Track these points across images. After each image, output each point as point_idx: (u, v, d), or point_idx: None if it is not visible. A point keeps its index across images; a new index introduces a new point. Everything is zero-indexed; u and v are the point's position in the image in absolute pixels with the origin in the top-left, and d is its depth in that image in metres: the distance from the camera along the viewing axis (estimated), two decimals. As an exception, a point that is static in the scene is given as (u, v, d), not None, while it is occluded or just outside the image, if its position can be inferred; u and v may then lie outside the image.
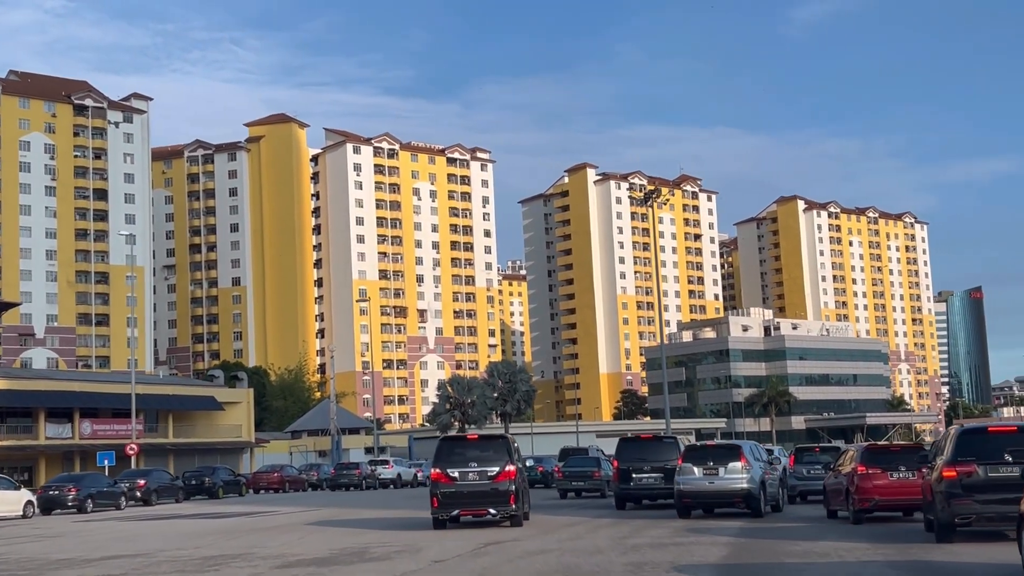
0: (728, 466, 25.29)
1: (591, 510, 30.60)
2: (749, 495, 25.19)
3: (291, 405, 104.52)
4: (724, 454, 25.80)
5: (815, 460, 32.31)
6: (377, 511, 33.46)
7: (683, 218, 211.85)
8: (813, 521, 23.85)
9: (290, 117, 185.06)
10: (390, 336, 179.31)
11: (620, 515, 27.71)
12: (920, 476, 20.98)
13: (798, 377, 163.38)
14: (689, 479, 25.50)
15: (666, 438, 30.85)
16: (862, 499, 21.73)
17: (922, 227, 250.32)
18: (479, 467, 23.36)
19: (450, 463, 23.61)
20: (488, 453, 23.76)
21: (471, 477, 23.29)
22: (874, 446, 23.65)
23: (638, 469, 29.23)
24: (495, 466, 23.33)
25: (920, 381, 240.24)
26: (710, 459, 25.66)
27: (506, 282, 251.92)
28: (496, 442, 24.44)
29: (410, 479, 61.76)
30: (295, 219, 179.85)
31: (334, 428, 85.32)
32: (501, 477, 23.24)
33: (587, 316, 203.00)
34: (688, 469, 25.63)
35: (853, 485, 21.96)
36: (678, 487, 25.73)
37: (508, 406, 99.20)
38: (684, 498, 25.66)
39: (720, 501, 25.79)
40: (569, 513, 29.63)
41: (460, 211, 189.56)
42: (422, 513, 31.52)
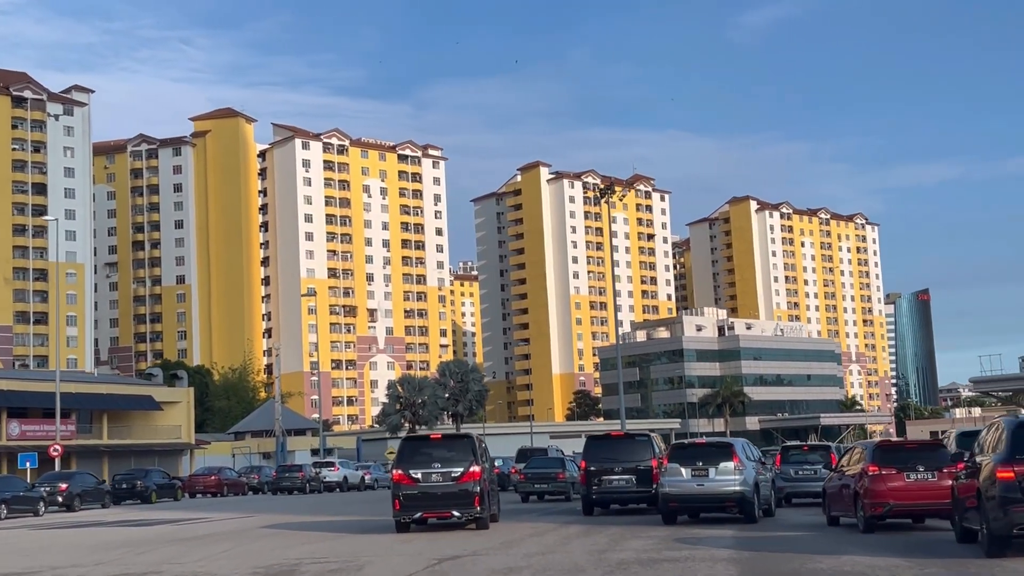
0: (719, 466, 22.61)
1: (557, 516, 27.77)
2: (743, 498, 22.57)
3: (235, 406, 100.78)
4: (715, 453, 23.12)
5: (803, 460, 29.53)
6: (319, 517, 30.34)
7: (636, 217, 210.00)
8: (815, 529, 21.05)
9: (237, 112, 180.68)
10: (339, 336, 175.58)
11: (590, 522, 24.86)
12: (943, 477, 18.32)
13: (752, 377, 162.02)
14: (676, 481, 22.80)
15: (638, 436, 27.96)
16: (874, 504, 18.92)
17: (873, 228, 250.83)
18: (443, 468, 22.47)
19: (413, 464, 22.66)
20: (452, 453, 22.91)
21: (434, 478, 22.38)
22: (887, 443, 20.82)
23: (608, 470, 26.47)
24: (459, 467, 22.44)
25: (871, 382, 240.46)
26: (699, 459, 22.98)
27: (458, 283, 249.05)
28: (461, 442, 23.61)
29: (357, 482, 58.55)
30: (242, 216, 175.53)
31: (279, 429, 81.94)
32: (466, 478, 22.33)
33: (540, 316, 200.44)
34: (674, 470, 22.90)
35: (863, 488, 19.09)
36: (663, 490, 23.06)
37: (460, 406, 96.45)
38: (671, 502, 22.97)
39: (711, 505, 23.16)
40: (534, 519, 26.79)
41: (411, 209, 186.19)
42: (369, 519, 28.53)
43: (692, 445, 24.37)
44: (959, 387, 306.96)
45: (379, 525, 25.44)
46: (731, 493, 22.45)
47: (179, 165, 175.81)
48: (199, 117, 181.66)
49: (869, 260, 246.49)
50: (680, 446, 24.26)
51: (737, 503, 22.63)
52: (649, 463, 26.20)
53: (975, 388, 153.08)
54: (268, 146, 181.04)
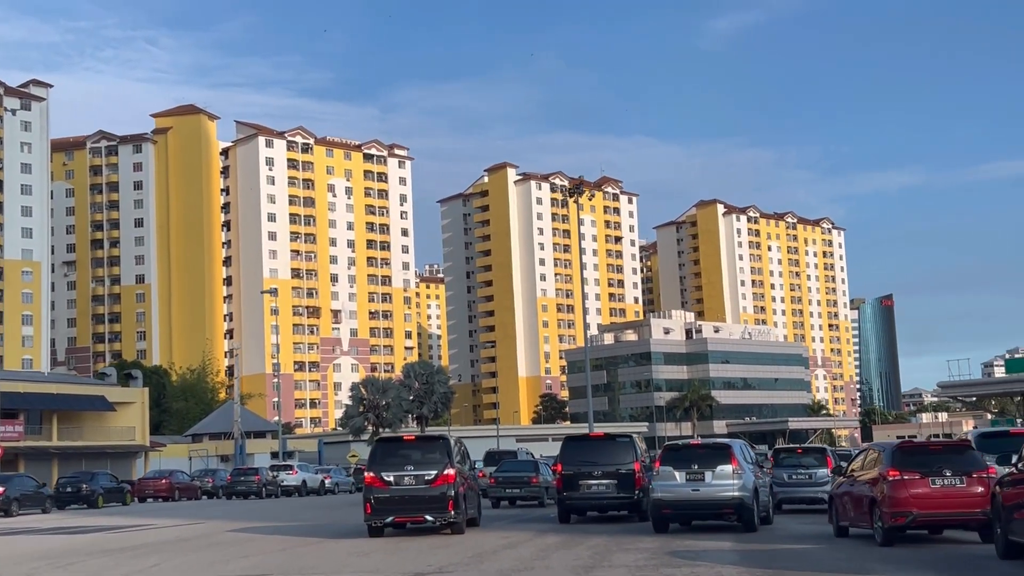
0: (716, 470, 20.61)
1: (531, 524, 25.59)
2: (742, 505, 20.57)
3: (193, 407, 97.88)
4: (711, 456, 21.08)
5: (797, 463, 27.37)
6: (270, 524, 27.94)
7: (604, 220, 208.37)
8: (823, 541, 18.87)
9: (199, 108, 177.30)
10: (302, 337, 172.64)
11: (569, 530, 22.67)
12: (972, 483, 16.27)
13: (720, 381, 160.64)
14: (669, 486, 20.79)
15: (620, 437, 25.70)
16: (895, 513, 16.68)
17: (839, 233, 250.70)
18: (415, 470, 21.78)
19: (385, 466, 21.96)
20: (426, 455, 22.15)
21: (407, 481, 21.70)
22: (908, 444, 18.33)
23: (587, 474, 24.33)
24: (433, 469, 21.72)
25: (836, 387, 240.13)
26: (694, 461, 20.93)
27: (424, 285, 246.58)
28: (435, 443, 22.78)
29: (316, 486, 56.09)
30: (203, 215, 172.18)
31: (237, 431, 79.27)
32: (439, 481, 21.59)
33: (506, 318, 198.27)
34: (667, 473, 20.87)
35: (882, 495, 16.86)
36: (655, 495, 21.02)
37: (425, 408, 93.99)
38: (663, 508, 20.90)
39: (707, 512, 21.11)
40: (506, 527, 24.57)
41: (377, 209, 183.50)
42: (326, 527, 26.27)
43: (687, 447, 22.22)
44: (922, 392, 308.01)
45: (336, 532, 23.22)
46: (729, 499, 20.47)
47: (140, 162, 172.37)
48: (161, 114, 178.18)
49: (835, 264, 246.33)
50: (673, 447, 22.07)
51: (736, 510, 20.65)
52: (631, 466, 24.15)
53: (943, 392, 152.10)
54: (231, 144, 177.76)
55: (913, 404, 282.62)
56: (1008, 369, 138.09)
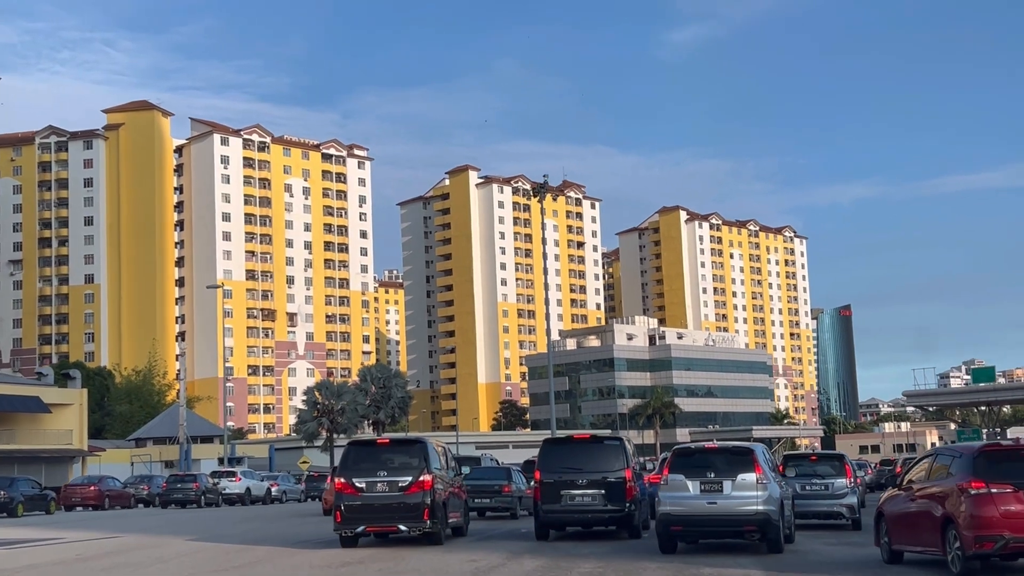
0: (738, 479, 17.28)
1: (503, 541, 22.03)
2: (767, 521, 17.22)
3: (137, 410, 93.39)
4: (731, 462, 17.71)
5: (811, 472, 23.73)
6: (198, 543, 24.07)
7: (566, 225, 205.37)
8: (872, 567, 15.34)
9: (153, 105, 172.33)
10: (257, 340, 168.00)
11: (549, 551, 19.13)
12: None
13: (683, 388, 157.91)
14: (679, 498, 17.48)
15: (608, 439, 21.97)
16: (981, 537, 12.98)
17: (801, 241, 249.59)
18: (389, 476, 20.43)
19: (357, 471, 20.59)
20: (402, 460, 20.80)
21: (379, 488, 20.37)
22: (995, 448, 14.14)
23: (570, 483, 20.79)
24: (408, 475, 20.37)
25: (796, 396, 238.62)
26: (711, 469, 17.60)
27: (383, 290, 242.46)
28: (411, 448, 21.31)
29: (262, 494, 52.08)
30: (156, 213, 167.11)
31: (183, 435, 74.96)
32: (414, 488, 20.21)
33: (466, 324, 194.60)
34: (678, 483, 17.53)
35: (961, 513, 13.25)
36: (663, 510, 17.66)
37: (381, 414, 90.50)
38: (672, 525, 17.59)
39: (725, 529, 17.75)
40: (472, 545, 21.05)
41: (335, 210, 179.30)
42: (263, 543, 22.51)
43: (701, 451, 18.59)
44: (879, 403, 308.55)
45: (271, 553, 19.48)
46: (752, 514, 17.12)
47: (90, 159, 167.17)
48: (112, 109, 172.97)
49: (797, 273, 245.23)
50: (685, 452, 18.52)
51: (760, 527, 17.29)
52: (621, 474, 20.66)
53: (908, 401, 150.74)
54: (185, 141, 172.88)
55: (870, 414, 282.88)
56: (974, 379, 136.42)
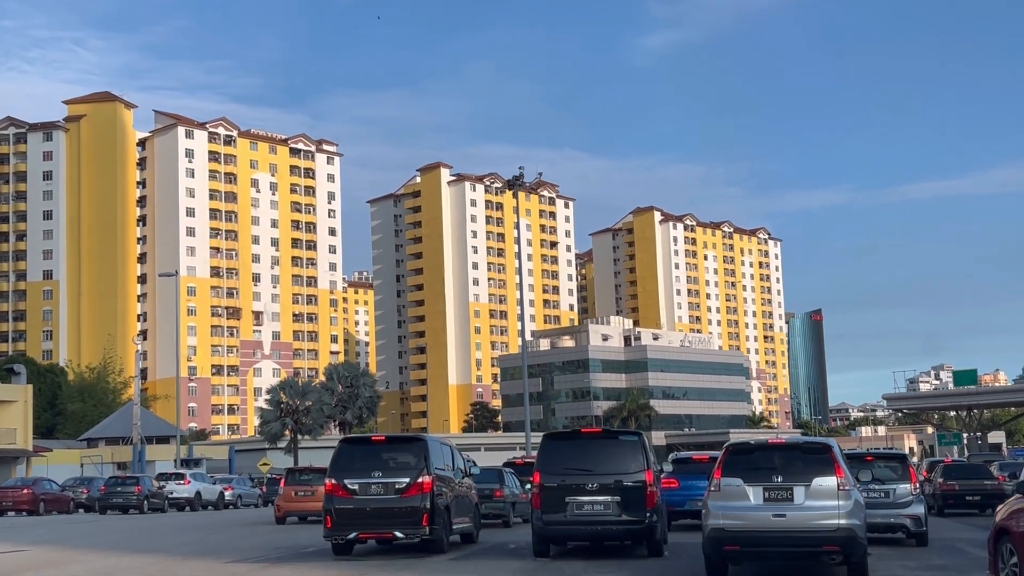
0: (813, 484, 13.44)
1: (496, 558, 18.33)
2: (851, 540, 13.42)
3: (91, 409, 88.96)
4: (804, 461, 13.85)
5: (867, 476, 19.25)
6: (118, 557, 20.16)
7: (539, 224, 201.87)
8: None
9: (115, 96, 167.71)
10: (221, 339, 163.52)
11: (552, 571, 15.36)
12: None
13: (659, 390, 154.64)
14: (737, 509, 13.64)
15: (624, 435, 18.01)
16: None
17: (775, 244, 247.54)
18: (384, 478, 18.88)
19: (349, 472, 19.07)
20: (399, 460, 19.32)
21: (373, 490, 18.86)
22: None
23: (577, 488, 16.92)
24: (405, 476, 18.82)
25: (770, 399, 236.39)
26: (777, 471, 13.77)
27: (352, 290, 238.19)
28: (410, 446, 19.81)
29: (214, 499, 48.01)
30: (117, 208, 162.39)
31: (136, 436, 70.85)
32: (412, 491, 18.63)
33: (437, 324, 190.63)
34: (733, 490, 13.67)
35: None
36: (714, 524, 13.79)
37: (348, 414, 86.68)
38: (727, 543, 13.72)
39: (797, 550, 13.84)
40: (459, 563, 17.39)
41: (303, 206, 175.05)
42: (196, 558, 18.72)
43: (764, 448, 14.46)
44: (848, 407, 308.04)
45: (196, 572, 15.67)
46: (833, 530, 13.32)
47: (50, 151, 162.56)
48: (74, 100, 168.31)
49: (771, 276, 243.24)
50: (743, 449, 14.51)
51: (842, 547, 13.46)
52: (641, 477, 16.84)
53: (889, 405, 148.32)
54: (149, 134, 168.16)
55: (839, 419, 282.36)
56: (956, 382, 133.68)
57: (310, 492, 29.53)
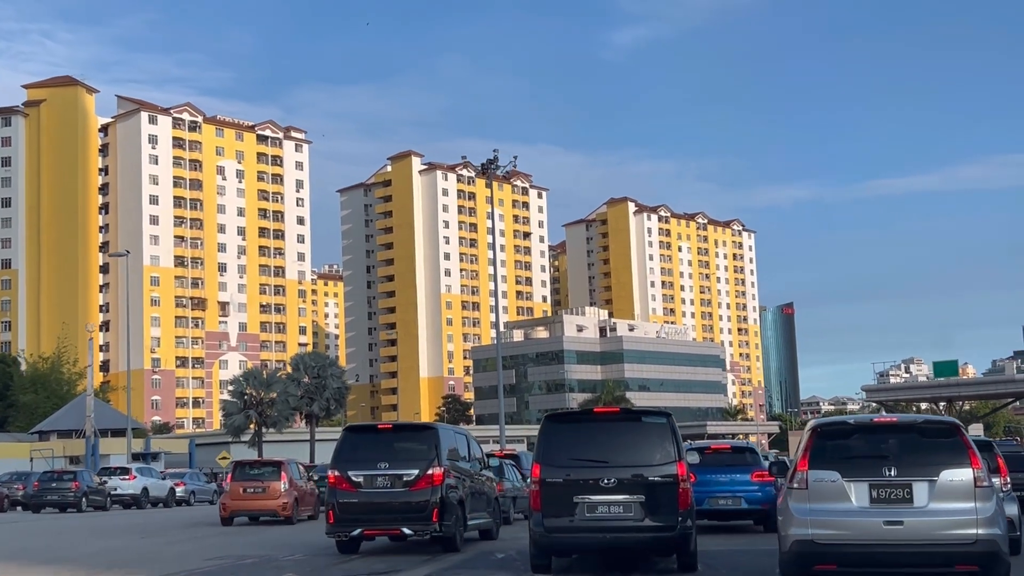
0: (940, 480, 10.08)
1: (482, 572, 14.70)
2: (994, 557, 10.05)
3: (43, 401, 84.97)
4: (926, 449, 10.43)
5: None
6: (14, 569, 16.55)
7: (512, 214, 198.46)
8: None
9: (77, 80, 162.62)
10: (185, 331, 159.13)
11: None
12: None
13: (635, 382, 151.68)
14: (831, 513, 10.27)
15: (649, 415, 14.06)
16: None
17: (749, 235, 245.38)
18: (391, 469, 17.36)
19: (354, 463, 17.55)
20: (407, 450, 17.79)
21: (380, 483, 17.36)
22: None
23: (589, 484, 13.11)
24: (414, 468, 17.26)
25: (744, 392, 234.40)
26: (889, 462, 10.39)
27: (322, 282, 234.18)
28: (420, 435, 18.57)
29: (163, 495, 44.24)
30: (79, 195, 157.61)
31: (89, 428, 66.97)
32: (421, 483, 17.11)
33: (408, 315, 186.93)
34: (827, 487, 10.32)
35: None
36: (801, 534, 10.40)
37: (315, 405, 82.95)
38: (820, 561, 10.35)
39: (918, 570, 10.37)
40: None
41: (271, 195, 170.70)
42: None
43: (866, 429, 11.04)
44: (819, 400, 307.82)
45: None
46: (970, 543, 9.94)
47: (8, 137, 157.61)
48: (33, 85, 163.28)
49: (745, 268, 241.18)
50: (838, 431, 11.02)
51: (982, 565, 10.08)
52: (671, 470, 13.16)
53: (868, 397, 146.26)
54: (111, 120, 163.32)
55: (811, 412, 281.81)
56: (936, 373, 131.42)
57: (261, 488, 25.94)
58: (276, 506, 25.72)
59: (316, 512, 28.75)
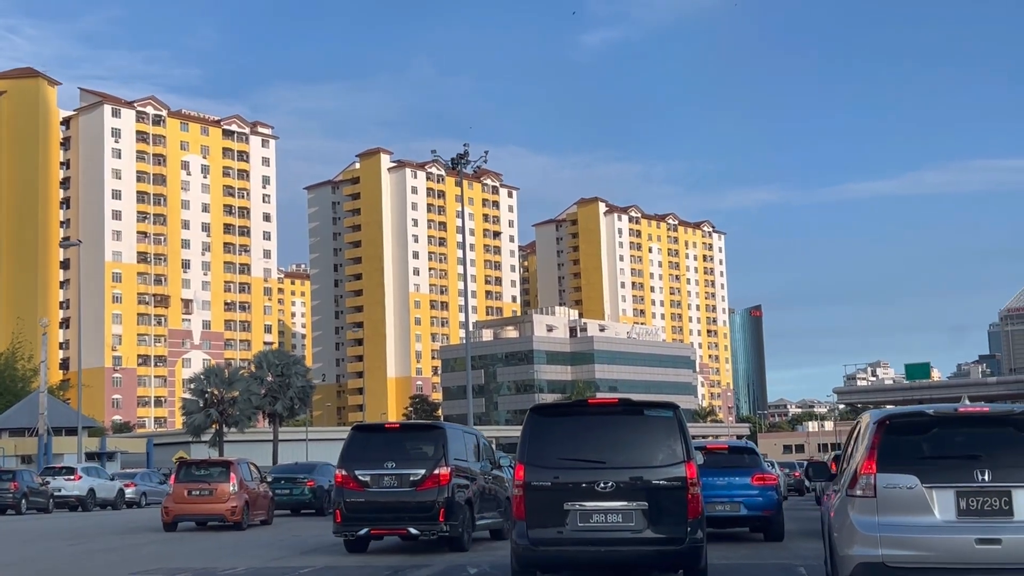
0: None
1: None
2: None
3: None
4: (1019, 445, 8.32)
5: None
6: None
7: (482, 213, 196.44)
8: None
9: (38, 72, 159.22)
10: (148, 328, 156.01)
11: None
12: None
13: (605, 383, 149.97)
14: (908, 527, 8.17)
15: (652, 408, 11.81)
16: None
17: (719, 237, 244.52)
18: (398, 469, 17.22)
19: (361, 462, 17.42)
20: (414, 450, 17.59)
21: (386, 482, 17.25)
22: None
23: (582, 489, 11.15)
24: (421, 468, 17.13)
25: (714, 394, 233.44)
26: (981, 464, 8.29)
27: (288, 281, 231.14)
28: (427, 434, 18.38)
29: (111, 497, 41.82)
30: (39, 189, 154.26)
31: (43, 426, 64.34)
32: (427, 483, 16.97)
33: (376, 315, 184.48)
34: (902, 495, 8.21)
35: None
36: (863, 555, 8.27)
37: (279, 405, 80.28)
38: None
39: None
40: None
41: (236, 191, 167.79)
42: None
43: (948, 421, 8.89)
44: (787, 403, 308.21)
45: None
46: None
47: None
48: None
49: (715, 269, 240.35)
50: (914, 424, 8.89)
51: None
52: (679, 471, 11.13)
53: (840, 399, 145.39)
54: (73, 113, 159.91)
55: (778, 415, 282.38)
56: (908, 375, 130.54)
57: (207, 491, 23.68)
58: (224, 510, 23.50)
59: (269, 516, 26.57)
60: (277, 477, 32.29)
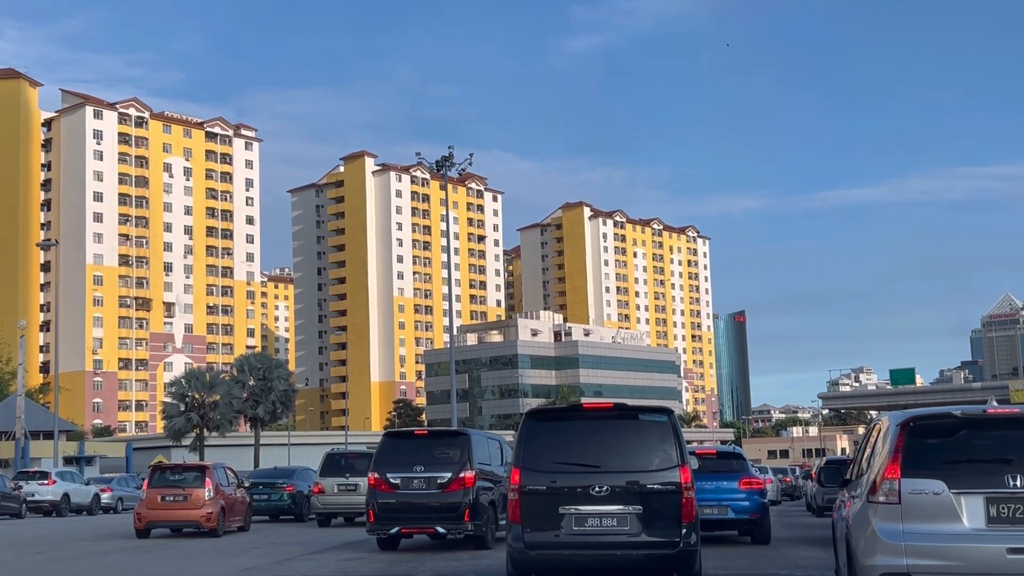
0: None
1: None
2: None
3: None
4: None
5: None
6: None
7: (467, 217, 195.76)
8: None
9: (19, 73, 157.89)
10: (129, 331, 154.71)
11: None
12: None
13: (590, 387, 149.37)
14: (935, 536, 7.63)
15: (647, 413, 11.62)
16: None
17: (704, 242, 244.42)
18: (426, 472, 18.43)
19: (392, 466, 18.66)
20: (441, 454, 18.76)
21: (416, 485, 18.45)
22: None
23: (577, 493, 10.91)
24: (447, 471, 18.35)
25: (698, 399, 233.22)
26: (1013, 468, 7.70)
27: (272, 285, 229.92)
28: (453, 440, 19.36)
29: (87, 502, 40.89)
30: (20, 191, 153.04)
31: (19, 430, 63.35)
32: (454, 486, 18.19)
33: (360, 319, 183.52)
34: (928, 501, 7.66)
35: None
36: (886, 565, 7.71)
37: (260, 408, 79.41)
38: None
39: None
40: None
41: (219, 193, 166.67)
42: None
43: (977, 423, 8.20)
44: (770, 408, 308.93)
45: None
46: None
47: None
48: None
49: (699, 274, 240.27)
50: (941, 426, 8.25)
51: None
52: (673, 476, 10.87)
53: (825, 404, 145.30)
54: (55, 114, 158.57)
55: (761, 420, 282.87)
56: (893, 381, 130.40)
57: (182, 496, 22.81)
58: (199, 516, 22.66)
59: (247, 523, 25.72)
60: (255, 482, 31.41)
